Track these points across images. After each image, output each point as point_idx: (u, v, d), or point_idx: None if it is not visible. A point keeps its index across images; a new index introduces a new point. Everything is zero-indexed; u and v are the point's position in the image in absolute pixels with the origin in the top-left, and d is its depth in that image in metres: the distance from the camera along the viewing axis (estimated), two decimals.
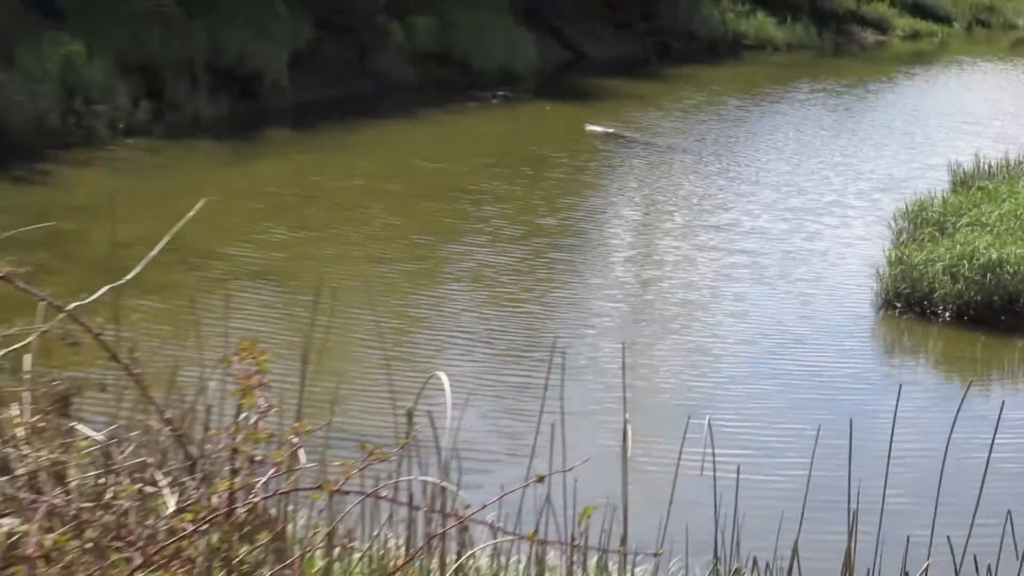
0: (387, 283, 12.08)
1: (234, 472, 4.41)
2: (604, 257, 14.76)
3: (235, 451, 4.44)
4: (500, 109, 21.92)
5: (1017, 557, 4.91)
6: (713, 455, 5.21)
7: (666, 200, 17.24)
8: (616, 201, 17.46)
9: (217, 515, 4.31)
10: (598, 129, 20.49)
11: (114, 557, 4.31)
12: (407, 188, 16.56)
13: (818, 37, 32.46)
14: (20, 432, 5.26)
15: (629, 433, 5.18)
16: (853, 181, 18.31)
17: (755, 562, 5.14)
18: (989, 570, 4.83)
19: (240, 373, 4.30)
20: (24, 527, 4.40)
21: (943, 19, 35.65)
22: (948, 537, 4.89)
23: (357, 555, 5.11)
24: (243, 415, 4.42)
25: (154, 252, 5.62)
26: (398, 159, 17.75)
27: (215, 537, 4.39)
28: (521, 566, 5.36)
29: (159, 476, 4.95)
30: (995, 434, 5.33)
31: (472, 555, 5.16)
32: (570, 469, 4.60)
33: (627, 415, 5.41)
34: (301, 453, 4.70)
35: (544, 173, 17.78)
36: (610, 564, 5.34)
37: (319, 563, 4.92)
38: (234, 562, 4.37)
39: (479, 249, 14.07)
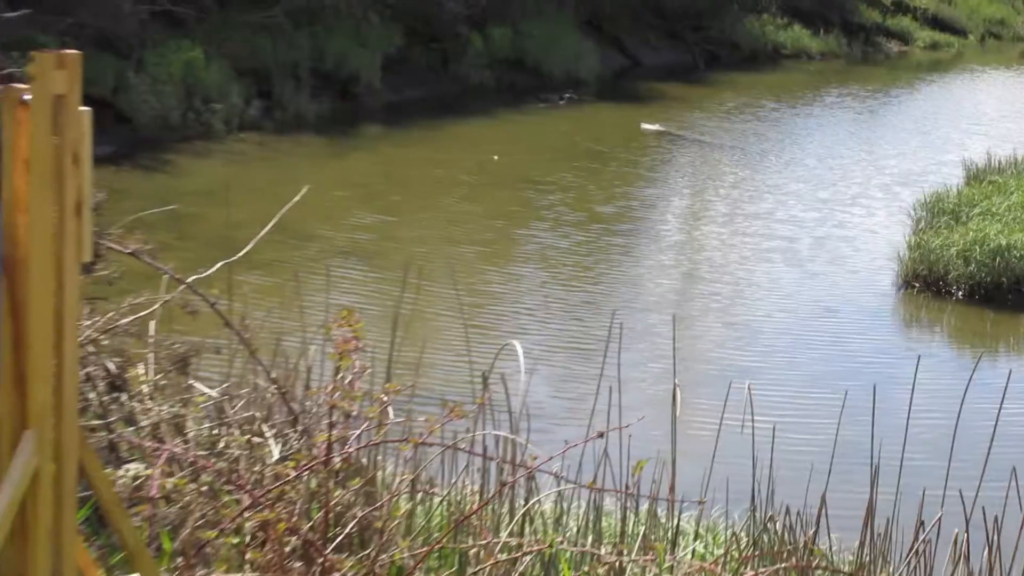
0: (464, 262, 12.33)
1: (331, 426, 4.52)
2: (655, 241, 15.06)
3: (333, 407, 4.53)
4: (565, 110, 22.46)
5: (1020, 509, 4.90)
6: (752, 416, 5.34)
7: (710, 190, 17.61)
8: (666, 191, 17.81)
9: (316, 463, 4.52)
10: (651, 127, 20.95)
11: (226, 499, 4.62)
12: (482, 179, 16.95)
13: (848, 47, 33.00)
14: (145, 388, 5.54)
15: (678, 396, 5.35)
16: (876, 175, 18.58)
17: (787, 510, 5.20)
18: (996, 520, 4.87)
19: (339, 338, 4.45)
20: (147, 472, 4.62)
21: (959, 31, 36.15)
22: (960, 491, 4.95)
23: (437, 499, 5.22)
24: (340, 375, 4.53)
25: (262, 233, 5.96)
26: (475, 153, 18.19)
27: (313, 482, 4.60)
28: (580, 511, 5.40)
29: (265, 428, 5.23)
30: (1003, 400, 5.42)
31: (538, 501, 5.29)
32: (626, 427, 4.83)
33: (676, 380, 5.55)
34: (390, 410, 4.86)
35: (603, 166, 18.21)
36: (659, 511, 5.42)
37: (404, 506, 5.04)
38: (330, 504, 4.48)
39: (544, 233, 14.39)
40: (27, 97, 2.40)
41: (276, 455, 4.99)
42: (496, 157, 18.37)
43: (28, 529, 2.55)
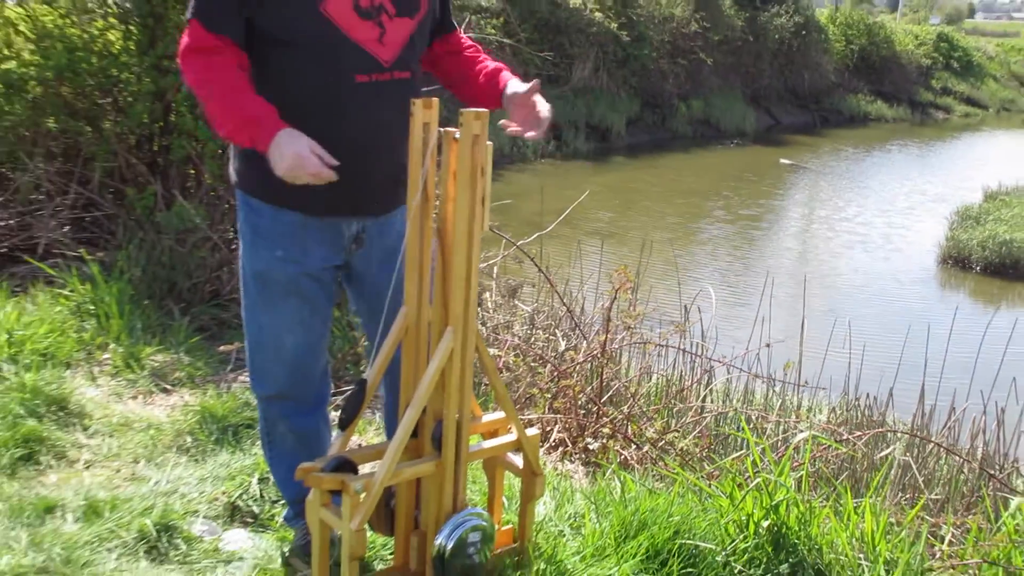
0: (663, 240, 12.74)
1: (606, 330, 4.56)
2: (782, 231, 15.44)
3: (606, 320, 4.56)
4: (734, 151, 23.58)
5: (1016, 402, 4.79)
6: (850, 340, 5.45)
7: (818, 202, 18.12)
8: (791, 202, 18.28)
9: (594, 353, 4.63)
10: (786, 162, 21.69)
11: (539, 371, 4.72)
12: (672, 190, 17.69)
13: (911, 115, 33.36)
14: (490, 305, 5.71)
15: (805, 325, 5.26)
16: (922, 195, 18.72)
17: (867, 395, 5.13)
18: (1002, 411, 4.71)
19: (616, 281, 4.42)
20: (496, 352, 4.74)
21: (983, 106, 36.18)
22: (981, 392, 4.89)
23: (655, 377, 5.18)
24: (613, 302, 4.51)
25: (560, 218, 6.26)
26: (675, 176, 19.18)
27: (589, 366, 4.67)
28: (740, 390, 5.29)
29: (559, 333, 5.30)
30: (1010, 338, 5.57)
31: (719, 383, 5.27)
32: (773, 343, 4.98)
33: (804, 318, 5.34)
34: (645, 324, 5.12)
35: (753, 185, 18.73)
36: (788, 392, 5.21)
37: (643, 383, 5.00)
38: (602, 377, 4.41)
39: (710, 226, 14.97)
40: (457, 135, 2.46)
41: (563, 347, 5.03)
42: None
43: (445, 382, 2.59)
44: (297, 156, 2.34)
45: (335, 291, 2.88)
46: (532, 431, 2.82)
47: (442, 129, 2.51)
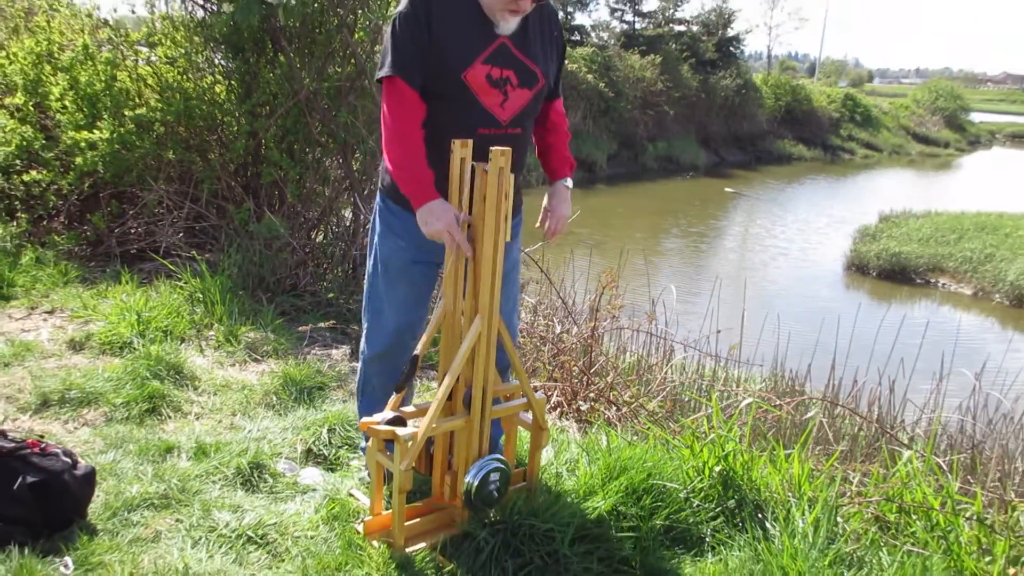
0: (635, 249, 12.62)
1: (593, 318, 4.50)
2: (725, 243, 15.29)
3: (595, 310, 4.53)
4: (689, 181, 23.66)
5: (904, 376, 4.72)
6: (778, 328, 5.34)
7: (752, 221, 17.87)
8: (733, 221, 18.10)
9: (583, 336, 4.54)
10: (730, 190, 21.66)
11: (541, 349, 4.51)
12: (641, 211, 17.44)
13: (824, 155, 33.25)
14: None
15: (744, 316, 5.12)
16: (831, 217, 18.55)
17: (791, 370, 5.12)
18: (893, 382, 4.66)
19: (603, 280, 4.49)
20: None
21: (878, 149, 36.62)
22: (878, 368, 4.79)
23: (629, 355, 5.04)
24: (598, 295, 4.50)
25: (560, 233, 6.01)
26: (639, 200, 18.80)
27: (580, 345, 4.52)
28: (693, 365, 5.12)
29: (556, 319, 4.94)
30: (899, 327, 5.51)
31: (675, 359, 5.06)
32: (719, 332, 4.95)
33: (744, 310, 5.30)
34: (621, 314, 5.05)
35: (704, 208, 18.53)
36: (729, 366, 5.15)
37: (621, 359, 4.82)
38: (591, 355, 4.28)
39: (669, 238, 14.80)
40: (486, 168, 2.43)
41: (558, 330, 4.78)
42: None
43: (474, 359, 2.56)
44: (448, 228, 2.46)
45: (436, 283, 2.91)
46: (539, 395, 2.80)
47: (475, 163, 2.49)
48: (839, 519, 2.78)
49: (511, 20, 2.54)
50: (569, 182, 2.84)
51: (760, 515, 2.83)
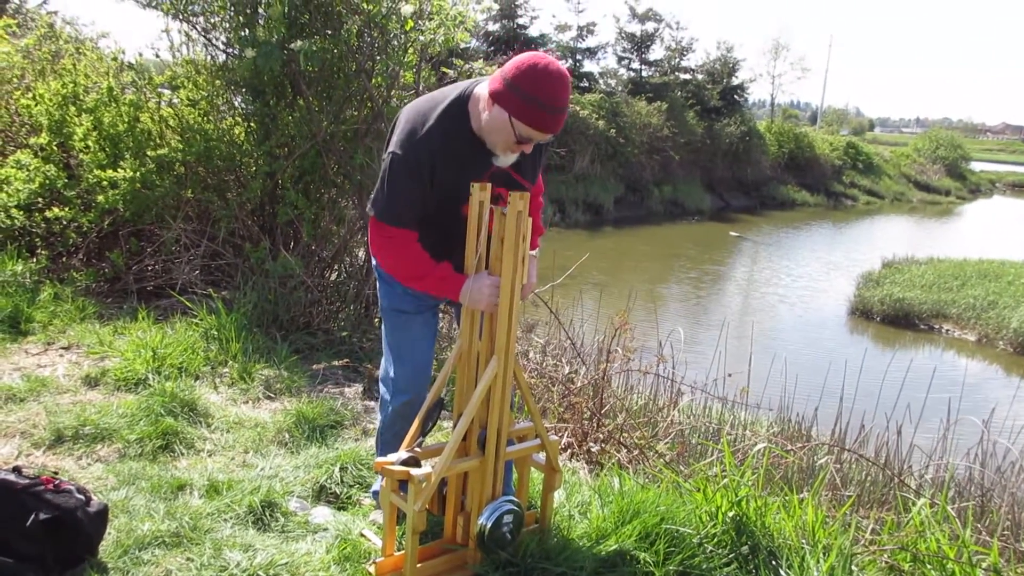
0: (641, 291, 12.55)
1: (606, 360, 4.49)
2: (725, 287, 15.26)
3: (607, 352, 4.53)
4: (695, 224, 23.87)
5: (910, 421, 4.75)
6: (785, 371, 5.39)
7: (756, 264, 17.91)
8: (736, 264, 18.05)
9: (594, 377, 4.52)
10: (734, 234, 21.76)
11: (551, 389, 4.53)
12: (648, 254, 17.51)
13: (827, 201, 33.67)
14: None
15: (752, 360, 5.17)
16: (835, 262, 18.60)
17: (798, 413, 5.15)
18: (899, 427, 4.57)
19: (616, 323, 4.47)
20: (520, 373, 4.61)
21: (880, 196, 36.98)
22: (885, 413, 4.82)
23: (637, 396, 4.94)
24: (611, 337, 4.48)
25: (567, 274, 6.06)
26: (646, 242, 18.95)
27: (591, 387, 4.42)
28: (700, 407, 5.19)
29: (564, 360, 5.14)
30: (907, 372, 5.51)
31: (683, 402, 5.07)
32: (731, 375, 4.91)
33: (751, 354, 5.31)
34: (632, 357, 4.91)
35: (709, 251, 18.63)
36: (736, 408, 5.04)
37: (632, 400, 4.80)
38: (601, 396, 4.25)
39: (674, 281, 14.84)
40: (505, 211, 2.45)
41: (567, 371, 4.84)
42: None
43: (491, 399, 2.56)
44: (492, 300, 2.50)
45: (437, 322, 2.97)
46: (553, 437, 2.76)
47: (494, 206, 2.49)
48: (854, 567, 2.73)
49: (512, 156, 2.54)
50: (536, 252, 2.92)
51: (774, 562, 2.77)
